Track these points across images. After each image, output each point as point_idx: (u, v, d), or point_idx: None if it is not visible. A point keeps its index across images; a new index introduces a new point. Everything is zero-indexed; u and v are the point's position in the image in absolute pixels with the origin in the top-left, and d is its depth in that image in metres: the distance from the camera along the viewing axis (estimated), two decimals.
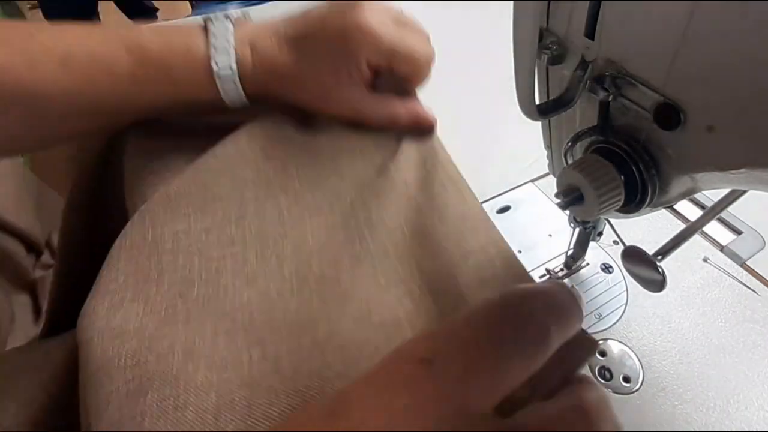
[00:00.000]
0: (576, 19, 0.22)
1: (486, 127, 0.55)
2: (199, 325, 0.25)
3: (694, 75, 0.18)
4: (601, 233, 0.36)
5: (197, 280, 0.26)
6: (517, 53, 0.23)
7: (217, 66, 0.31)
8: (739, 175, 0.19)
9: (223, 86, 0.31)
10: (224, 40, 0.31)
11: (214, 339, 0.24)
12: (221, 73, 0.31)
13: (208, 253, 0.27)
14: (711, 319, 0.36)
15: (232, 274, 0.27)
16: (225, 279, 0.27)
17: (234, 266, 0.27)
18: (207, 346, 0.24)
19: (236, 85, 0.31)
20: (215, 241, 0.28)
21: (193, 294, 0.26)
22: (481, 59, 0.66)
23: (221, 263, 0.27)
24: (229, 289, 0.26)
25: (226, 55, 0.31)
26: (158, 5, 2.16)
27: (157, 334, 0.24)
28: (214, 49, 0.31)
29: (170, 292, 0.26)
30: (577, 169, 0.23)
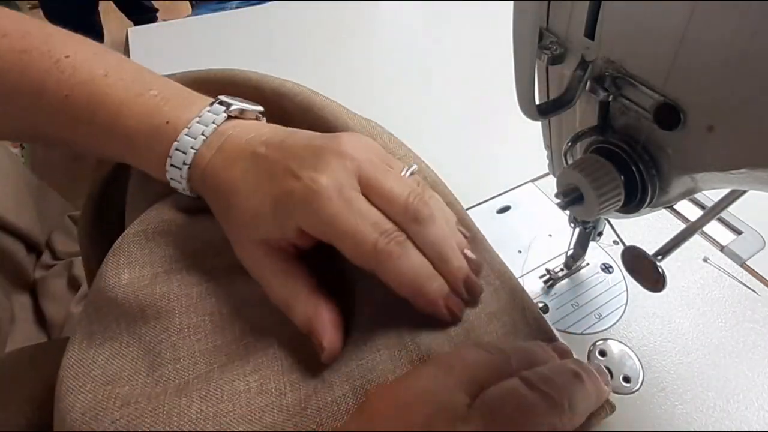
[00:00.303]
0: (576, 19, 0.22)
1: (486, 127, 0.55)
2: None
3: (694, 75, 0.18)
4: (601, 233, 0.36)
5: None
6: (517, 53, 0.23)
7: (170, 158, 0.29)
8: (739, 175, 0.19)
9: (170, 176, 0.30)
10: (198, 133, 0.29)
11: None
12: (172, 169, 0.29)
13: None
14: (711, 319, 0.36)
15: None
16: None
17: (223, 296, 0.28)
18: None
19: (181, 181, 0.30)
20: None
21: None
22: (481, 59, 0.66)
23: (208, 296, 0.28)
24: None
25: (182, 154, 0.29)
26: (158, 5, 2.16)
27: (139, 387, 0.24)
28: (176, 142, 0.29)
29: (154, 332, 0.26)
30: (577, 169, 0.23)
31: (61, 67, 0.30)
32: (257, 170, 0.27)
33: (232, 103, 0.30)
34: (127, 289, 0.27)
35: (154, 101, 0.30)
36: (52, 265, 0.61)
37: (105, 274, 0.28)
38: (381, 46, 0.70)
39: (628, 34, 0.20)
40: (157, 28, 0.74)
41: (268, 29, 0.72)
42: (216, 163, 0.28)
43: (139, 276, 0.28)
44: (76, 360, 0.25)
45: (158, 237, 0.30)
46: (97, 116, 0.30)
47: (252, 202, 0.27)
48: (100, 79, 0.30)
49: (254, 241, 0.27)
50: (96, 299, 0.27)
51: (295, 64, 0.65)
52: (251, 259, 0.27)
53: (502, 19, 0.24)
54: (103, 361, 0.25)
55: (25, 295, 0.58)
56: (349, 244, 0.25)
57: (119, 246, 0.29)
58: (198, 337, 0.26)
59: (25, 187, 0.63)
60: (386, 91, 0.60)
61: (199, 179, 0.29)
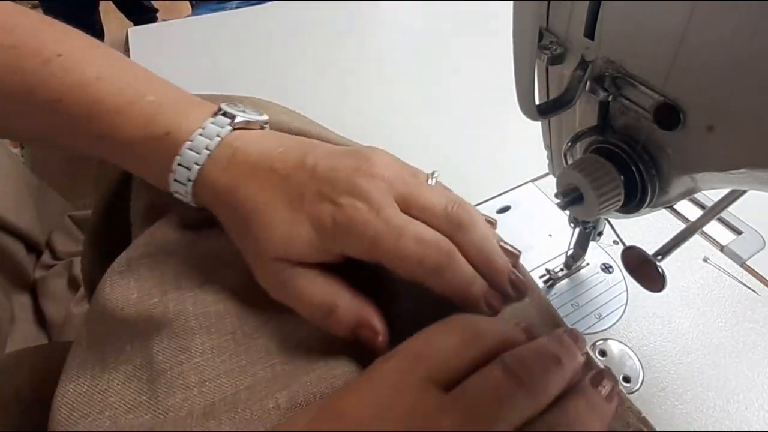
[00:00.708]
0: (576, 19, 0.22)
1: (486, 127, 0.55)
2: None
3: (694, 75, 0.18)
4: (601, 233, 0.36)
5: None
6: (517, 53, 0.23)
7: (173, 173, 0.28)
8: (739, 175, 0.19)
9: (174, 190, 0.29)
10: (202, 147, 0.28)
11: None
12: (176, 183, 0.28)
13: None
14: (711, 319, 0.36)
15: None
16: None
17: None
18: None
19: (186, 195, 0.29)
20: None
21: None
22: (481, 59, 0.66)
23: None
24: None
25: (186, 170, 0.28)
26: (158, 5, 2.16)
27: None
28: (179, 157, 0.28)
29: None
30: (577, 169, 0.23)
31: (52, 69, 0.28)
32: (282, 190, 0.27)
33: (236, 114, 0.29)
34: (138, 308, 0.26)
35: (151, 108, 0.28)
36: (52, 265, 0.61)
37: (111, 295, 0.27)
38: (381, 47, 0.70)
39: (628, 34, 0.20)
40: (157, 28, 0.74)
41: (268, 29, 0.72)
42: (227, 178, 0.27)
43: (149, 294, 0.27)
44: (88, 387, 0.24)
45: (167, 257, 0.29)
46: (91, 124, 0.28)
47: (282, 223, 0.26)
48: (93, 82, 0.28)
49: (280, 258, 0.26)
50: (102, 321, 0.26)
51: (295, 64, 0.65)
52: (278, 275, 0.26)
53: (502, 19, 0.24)
54: (118, 386, 0.24)
55: (25, 295, 0.58)
56: (396, 262, 0.25)
57: (127, 269, 0.28)
58: (222, 358, 0.25)
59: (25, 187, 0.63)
60: (386, 92, 0.60)
61: (208, 194, 0.28)
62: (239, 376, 0.25)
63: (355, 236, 0.25)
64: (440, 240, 0.26)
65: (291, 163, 0.27)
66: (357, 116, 0.56)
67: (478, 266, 0.26)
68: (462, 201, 0.28)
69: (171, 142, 0.28)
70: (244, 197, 0.27)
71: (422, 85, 0.61)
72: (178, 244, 0.29)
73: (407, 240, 0.25)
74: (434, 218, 0.26)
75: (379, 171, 0.27)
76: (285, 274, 0.26)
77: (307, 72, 0.63)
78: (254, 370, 0.25)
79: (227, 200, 0.27)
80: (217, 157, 0.28)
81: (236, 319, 0.27)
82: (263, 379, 0.25)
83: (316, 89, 0.60)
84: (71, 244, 0.64)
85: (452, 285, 0.26)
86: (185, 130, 0.28)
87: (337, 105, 0.58)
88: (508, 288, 0.27)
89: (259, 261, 0.27)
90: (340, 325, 0.26)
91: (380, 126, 0.54)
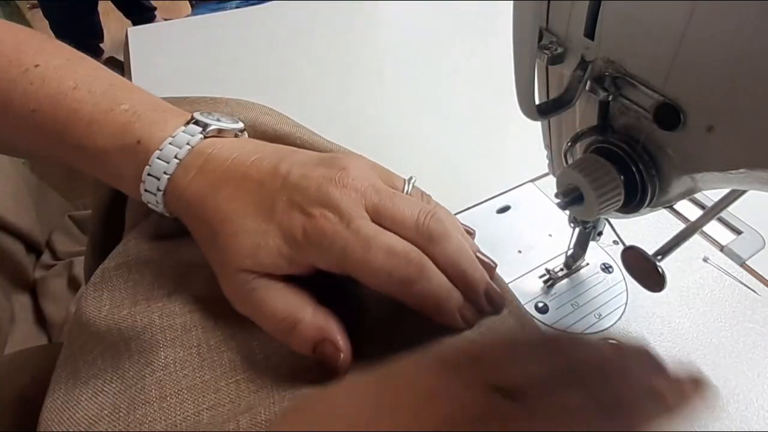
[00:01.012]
0: (576, 19, 0.22)
1: (486, 127, 0.55)
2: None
3: (694, 75, 0.18)
4: (601, 233, 0.36)
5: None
6: (517, 53, 0.23)
7: (143, 183, 0.28)
8: (739, 175, 0.19)
9: (146, 200, 0.29)
10: (171, 156, 0.27)
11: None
12: (147, 193, 0.28)
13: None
14: (711, 319, 0.36)
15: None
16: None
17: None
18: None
19: (158, 205, 0.28)
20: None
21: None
22: (481, 59, 0.66)
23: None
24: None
25: (156, 180, 0.27)
26: (158, 5, 2.16)
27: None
28: (149, 167, 0.27)
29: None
30: (577, 169, 0.23)
31: (29, 78, 0.28)
32: (253, 198, 0.26)
33: (210, 123, 0.28)
34: (108, 321, 0.26)
35: (125, 117, 0.28)
36: (52, 265, 0.61)
37: (86, 308, 0.27)
38: (380, 47, 0.70)
39: (628, 34, 0.20)
40: (157, 28, 0.74)
41: (268, 29, 0.72)
42: (197, 187, 0.27)
43: (119, 306, 0.27)
44: (62, 402, 0.24)
45: (141, 267, 0.29)
46: (66, 134, 0.28)
47: (251, 233, 0.25)
48: (69, 91, 0.28)
49: (246, 269, 0.25)
50: (79, 334, 0.26)
51: (295, 64, 0.65)
52: (242, 286, 0.25)
53: (502, 19, 0.24)
54: (86, 401, 0.24)
55: (25, 295, 0.58)
56: (365, 274, 0.25)
57: (101, 280, 0.28)
58: (185, 372, 0.25)
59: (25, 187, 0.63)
60: (385, 92, 0.60)
61: (178, 204, 0.27)
62: (202, 393, 0.24)
63: (324, 248, 0.25)
64: (410, 251, 0.25)
65: (264, 170, 0.27)
66: (356, 116, 0.56)
67: (452, 279, 0.26)
68: (436, 211, 0.27)
69: (142, 151, 0.27)
70: (214, 207, 0.26)
71: (422, 85, 0.61)
72: (151, 253, 0.29)
73: (376, 252, 0.24)
74: (405, 230, 0.26)
75: (351, 181, 0.26)
76: (249, 285, 0.25)
77: (306, 72, 0.63)
78: (218, 385, 0.24)
79: (196, 210, 0.27)
80: (187, 166, 0.27)
81: (202, 332, 0.26)
82: (226, 397, 0.24)
83: (315, 89, 0.60)
84: (71, 244, 0.65)
85: (423, 298, 0.25)
86: (156, 138, 0.28)
87: (336, 105, 0.58)
88: (483, 301, 0.27)
89: (224, 271, 0.26)
90: (302, 341, 0.25)
91: (380, 126, 0.54)
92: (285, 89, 0.60)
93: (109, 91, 0.29)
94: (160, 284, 0.28)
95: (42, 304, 0.58)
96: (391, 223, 0.26)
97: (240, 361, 0.25)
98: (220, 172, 0.27)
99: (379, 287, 0.25)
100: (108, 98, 0.29)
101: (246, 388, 0.24)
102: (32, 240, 0.60)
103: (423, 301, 0.25)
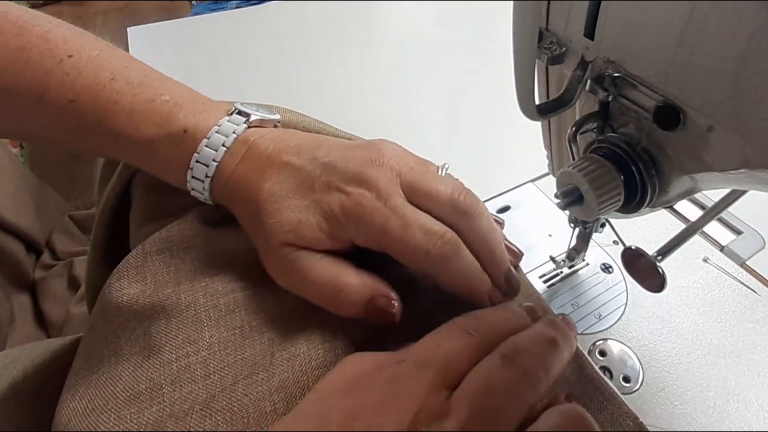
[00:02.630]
0: (575, 19, 0.22)
1: (486, 127, 0.55)
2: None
3: (694, 75, 0.18)
4: (604, 225, 0.35)
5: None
6: (517, 53, 0.23)
7: (191, 170, 0.29)
8: (739, 175, 0.19)
9: (192, 187, 0.29)
10: (219, 144, 0.28)
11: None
12: (194, 180, 0.29)
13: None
14: (711, 319, 0.36)
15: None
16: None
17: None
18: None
19: (204, 192, 0.29)
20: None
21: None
22: (481, 59, 0.66)
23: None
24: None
25: (204, 167, 0.29)
26: (158, 5, 2.16)
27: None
28: (197, 154, 0.28)
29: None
30: (577, 169, 0.23)
31: (64, 69, 0.28)
32: (294, 180, 0.27)
33: (251, 113, 0.30)
34: (152, 299, 0.27)
35: (167, 107, 0.29)
36: (52, 265, 0.61)
37: (127, 289, 0.27)
38: (381, 47, 0.70)
39: (628, 34, 0.20)
40: (157, 28, 0.74)
41: (268, 29, 0.72)
42: (242, 172, 0.28)
43: (163, 285, 0.27)
44: (106, 378, 0.24)
45: (183, 253, 0.29)
46: (106, 124, 0.29)
47: (292, 209, 0.27)
48: (107, 83, 0.29)
49: (288, 243, 0.26)
50: (118, 313, 0.27)
51: (295, 63, 0.65)
52: (284, 258, 0.26)
53: (502, 19, 0.24)
54: (127, 377, 0.24)
55: (25, 295, 0.58)
56: (402, 251, 0.26)
57: (143, 263, 0.29)
58: (228, 352, 0.25)
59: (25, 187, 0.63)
60: (386, 91, 0.60)
61: (223, 189, 0.29)
62: (240, 366, 0.25)
63: (363, 224, 0.26)
64: (446, 231, 0.26)
65: (304, 156, 0.28)
66: (356, 116, 0.56)
67: (480, 256, 0.27)
68: (470, 191, 0.28)
69: (189, 139, 0.29)
70: (258, 188, 0.27)
71: (421, 85, 0.61)
72: (194, 241, 0.30)
73: (414, 230, 0.25)
74: (440, 205, 0.27)
75: (387, 160, 0.27)
76: (291, 256, 0.26)
77: (306, 72, 0.63)
78: (254, 360, 0.25)
79: (241, 193, 0.28)
80: (233, 153, 0.29)
81: (245, 313, 0.27)
82: (261, 370, 0.25)
83: (316, 89, 0.60)
84: (71, 244, 0.64)
85: (457, 277, 0.26)
86: (202, 128, 0.29)
87: (336, 105, 0.58)
88: (502, 282, 0.28)
89: (268, 246, 0.27)
90: (352, 302, 0.26)
91: (379, 126, 0.54)
92: (285, 89, 0.60)
93: (145, 82, 0.30)
94: (202, 270, 0.29)
95: (42, 304, 0.58)
96: (426, 199, 0.27)
97: (279, 339, 0.26)
98: (263, 159, 0.28)
99: (415, 264, 0.26)
100: (146, 89, 0.30)
101: (280, 362, 0.25)
102: (32, 240, 0.60)
103: (456, 280, 0.26)
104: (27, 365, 0.34)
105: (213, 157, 0.28)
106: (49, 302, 0.58)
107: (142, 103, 0.29)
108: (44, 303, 0.58)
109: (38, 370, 0.33)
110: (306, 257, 0.26)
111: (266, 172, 0.28)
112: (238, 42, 0.69)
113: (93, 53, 0.30)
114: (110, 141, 0.29)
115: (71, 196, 0.75)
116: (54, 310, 0.57)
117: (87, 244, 0.64)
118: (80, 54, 0.29)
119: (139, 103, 0.29)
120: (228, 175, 0.28)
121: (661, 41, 0.19)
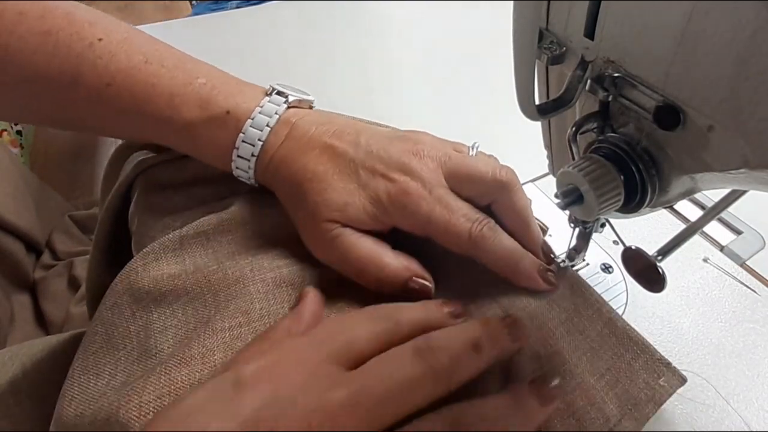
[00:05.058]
0: (575, 19, 0.22)
1: (486, 127, 0.55)
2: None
3: (694, 75, 0.18)
4: (604, 225, 0.35)
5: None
6: (517, 53, 0.23)
7: (237, 150, 0.29)
8: (739, 175, 0.19)
9: (236, 166, 0.30)
10: (263, 124, 0.29)
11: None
12: (239, 159, 0.29)
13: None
14: (711, 319, 0.36)
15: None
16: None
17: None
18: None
19: (248, 170, 0.30)
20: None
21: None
22: (480, 59, 0.66)
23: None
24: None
25: (250, 146, 0.29)
26: (158, 5, 2.16)
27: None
28: (242, 134, 0.29)
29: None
30: (577, 169, 0.23)
31: (96, 52, 0.28)
32: (338, 163, 0.28)
33: (289, 93, 0.31)
34: (197, 275, 0.27)
35: (205, 90, 0.30)
36: (52, 265, 0.61)
37: (165, 268, 0.27)
38: (380, 46, 0.70)
39: (628, 34, 0.20)
40: (157, 28, 0.74)
41: (268, 29, 0.72)
42: (286, 151, 0.29)
43: (205, 264, 0.28)
44: (138, 354, 0.25)
45: (219, 236, 0.30)
46: (146, 108, 0.29)
47: (339, 190, 0.28)
48: (142, 66, 0.29)
49: (332, 220, 0.27)
50: (149, 291, 0.27)
51: (295, 63, 0.65)
52: (327, 233, 0.27)
53: (503, 19, 0.24)
54: (174, 344, 0.25)
55: (25, 295, 0.58)
56: (448, 237, 0.27)
57: (180, 247, 0.29)
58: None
59: (25, 187, 0.63)
60: (385, 91, 0.60)
61: (266, 168, 0.29)
62: None
63: (409, 211, 0.27)
64: (485, 216, 0.28)
65: (346, 140, 0.29)
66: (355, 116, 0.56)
67: (516, 229, 0.29)
68: (507, 166, 0.30)
69: (232, 120, 0.29)
70: (303, 168, 0.28)
71: (421, 84, 0.61)
72: (231, 223, 0.30)
73: (458, 217, 0.27)
74: (483, 184, 0.28)
75: (428, 151, 0.29)
76: (334, 232, 0.27)
77: (307, 72, 0.63)
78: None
79: (286, 171, 0.29)
80: (277, 133, 0.29)
81: (291, 288, 0.28)
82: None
83: (316, 89, 0.60)
84: (71, 244, 0.65)
85: (499, 254, 0.27)
86: (243, 108, 0.29)
87: (335, 104, 0.58)
88: (541, 255, 0.29)
89: (311, 223, 0.28)
90: (392, 281, 0.27)
91: None
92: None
93: (179, 65, 0.30)
94: (240, 251, 0.29)
95: (42, 304, 0.58)
96: (468, 181, 0.29)
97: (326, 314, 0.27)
98: (306, 139, 0.29)
99: (459, 247, 0.27)
100: (181, 72, 0.30)
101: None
102: (32, 240, 0.60)
103: (499, 258, 0.27)
104: (26, 362, 0.34)
105: (258, 137, 0.29)
106: (49, 302, 0.58)
107: (180, 86, 0.29)
108: (44, 303, 0.58)
109: (37, 367, 0.34)
110: (348, 234, 0.27)
111: (309, 153, 0.29)
112: (238, 42, 0.69)
113: (121, 36, 0.30)
114: (151, 125, 0.29)
115: (71, 196, 0.75)
116: (54, 310, 0.57)
117: (87, 244, 0.64)
118: (109, 37, 0.29)
119: (177, 86, 0.29)
120: (271, 154, 0.29)
121: (661, 41, 0.19)
